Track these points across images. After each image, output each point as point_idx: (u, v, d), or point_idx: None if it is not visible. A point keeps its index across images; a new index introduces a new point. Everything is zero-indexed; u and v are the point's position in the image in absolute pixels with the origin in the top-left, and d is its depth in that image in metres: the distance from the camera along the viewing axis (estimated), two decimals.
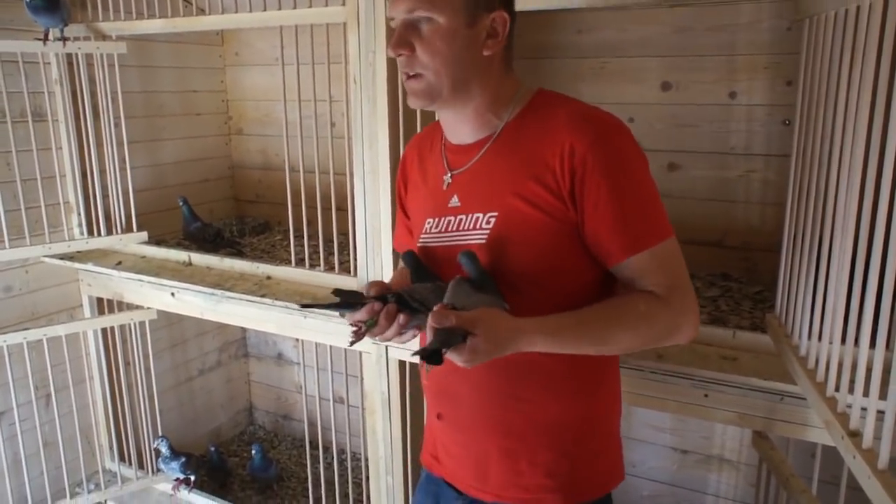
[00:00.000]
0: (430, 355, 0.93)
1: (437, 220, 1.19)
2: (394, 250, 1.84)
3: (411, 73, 1.10)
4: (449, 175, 1.19)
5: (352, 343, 1.12)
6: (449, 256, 1.14)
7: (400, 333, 1.10)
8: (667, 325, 1.07)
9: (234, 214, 3.19)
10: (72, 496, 2.57)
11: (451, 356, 0.96)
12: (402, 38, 1.08)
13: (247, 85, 3.12)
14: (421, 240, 1.23)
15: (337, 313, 1.14)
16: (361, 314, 1.09)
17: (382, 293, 1.10)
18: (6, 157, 2.26)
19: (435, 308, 0.97)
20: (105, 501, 2.66)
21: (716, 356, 1.57)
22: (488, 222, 1.11)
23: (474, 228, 1.13)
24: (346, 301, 1.10)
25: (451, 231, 1.16)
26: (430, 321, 0.96)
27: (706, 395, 1.56)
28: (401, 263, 1.47)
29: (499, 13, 1.10)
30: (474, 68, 1.11)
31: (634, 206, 1.06)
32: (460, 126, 1.17)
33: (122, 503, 2.72)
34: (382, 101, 1.86)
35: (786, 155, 1.72)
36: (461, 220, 1.15)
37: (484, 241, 1.11)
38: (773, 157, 2.09)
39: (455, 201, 1.17)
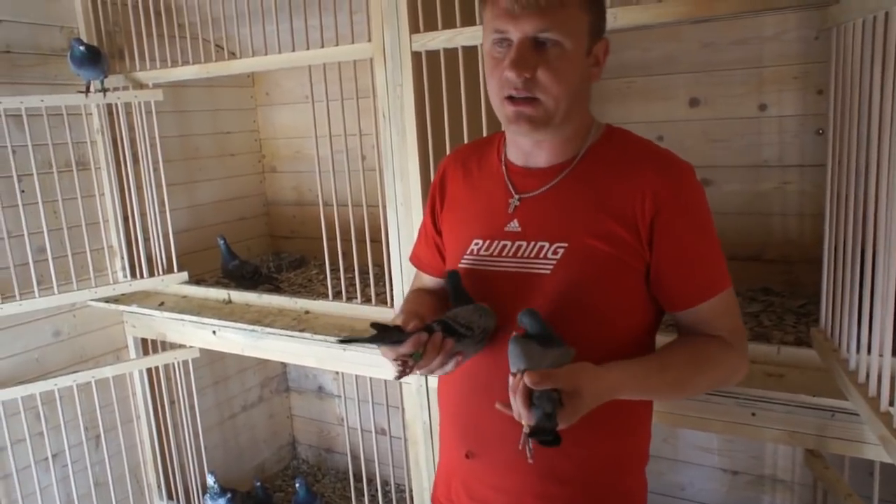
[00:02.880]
0: (549, 436, 0.89)
1: (488, 241, 1.15)
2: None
3: (528, 97, 1.04)
4: (517, 198, 1.14)
5: (398, 377, 1.07)
6: (499, 281, 1.11)
7: (444, 363, 1.06)
8: (732, 369, 1.09)
9: (270, 251, 3.25)
10: None
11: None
12: (527, 59, 1.01)
13: (278, 124, 3.19)
14: (464, 260, 1.18)
15: (376, 346, 1.09)
16: (407, 347, 1.02)
17: (422, 324, 1.06)
18: (53, 206, 2.34)
19: (526, 374, 0.92)
20: None
21: (761, 373, 1.53)
22: (555, 252, 1.08)
23: (537, 257, 1.09)
24: (385, 335, 1.05)
25: (507, 256, 1.12)
26: (525, 380, 0.91)
27: (753, 414, 1.52)
28: (414, 284, 1.43)
29: (604, 41, 1.10)
30: (582, 96, 1.10)
31: (709, 251, 1.07)
32: (539, 151, 1.14)
33: None
34: (411, 133, 1.89)
35: (821, 165, 1.69)
36: (520, 246, 1.11)
37: (548, 272, 1.08)
38: (807, 168, 2.05)
39: (515, 226, 1.13)
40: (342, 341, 1.13)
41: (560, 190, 1.11)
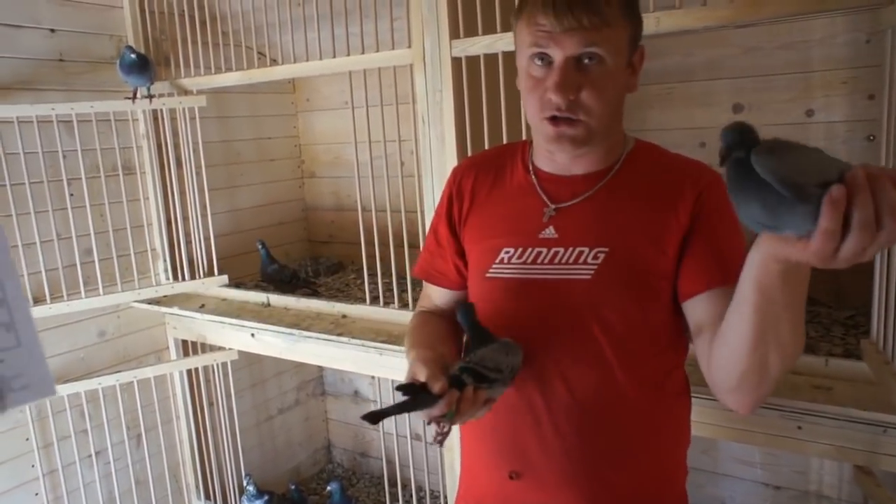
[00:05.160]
0: None
1: (521, 249, 1.12)
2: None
3: (571, 118, 1.02)
4: (553, 207, 1.11)
5: (441, 443, 1.02)
6: (535, 289, 1.09)
7: (476, 412, 1.00)
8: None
9: (308, 255, 3.28)
10: None
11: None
12: (570, 80, 0.99)
13: (318, 129, 3.23)
14: (494, 269, 1.13)
15: (402, 413, 0.97)
16: (439, 409, 0.95)
17: (447, 375, 0.97)
18: (100, 209, 2.40)
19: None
20: None
21: (807, 385, 1.49)
22: (595, 257, 1.05)
23: (577, 263, 1.07)
24: (417, 398, 0.96)
25: (544, 263, 1.09)
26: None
27: (799, 427, 1.48)
28: (421, 303, 1.35)
29: (640, 48, 1.08)
30: (620, 109, 1.09)
31: (739, 245, 1.04)
32: (576, 162, 1.11)
33: None
34: (451, 139, 1.90)
35: None
36: (557, 252, 1.08)
37: (589, 277, 1.05)
38: None
39: (550, 233, 1.10)
40: (368, 419, 0.95)
41: (600, 197, 1.10)
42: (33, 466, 2.34)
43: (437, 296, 1.32)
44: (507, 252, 1.13)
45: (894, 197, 0.66)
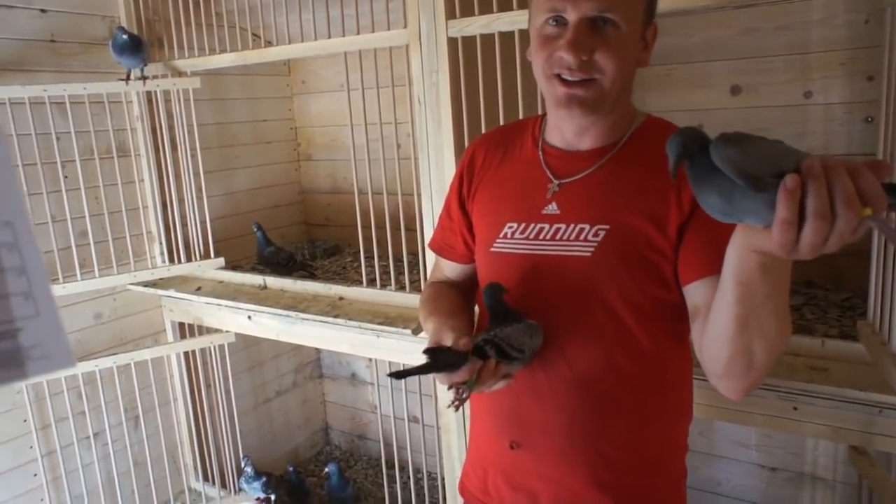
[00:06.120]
0: None
1: (524, 225, 1.12)
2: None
3: (585, 79, 1.01)
4: (556, 183, 1.11)
5: (455, 407, 1.04)
6: (536, 265, 1.09)
7: (494, 385, 1.02)
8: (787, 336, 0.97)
9: (304, 238, 3.27)
10: None
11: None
12: (584, 40, 0.99)
13: (314, 112, 3.21)
14: (497, 244, 1.15)
15: (427, 373, 1.01)
16: (461, 375, 0.99)
17: (471, 342, 1.00)
18: (95, 192, 2.39)
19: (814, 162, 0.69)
20: None
21: (804, 367, 1.49)
22: (596, 235, 1.05)
23: (577, 239, 1.06)
24: (440, 361, 1.00)
25: (545, 239, 1.09)
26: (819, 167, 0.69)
27: (795, 408, 1.49)
28: (433, 275, 1.39)
29: (654, 25, 1.09)
30: (631, 81, 1.09)
31: None
32: (583, 135, 1.11)
33: None
34: (447, 120, 1.88)
35: (870, 153, 1.63)
36: (559, 229, 1.08)
37: (589, 255, 1.05)
38: (854, 157, 1.99)
39: (553, 208, 1.10)
40: (394, 375, 0.98)
41: (602, 173, 1.09)
42: (31, 447, 2.35)
43: (448, 268, 1.35)
44: (511, 227, 1.13)
45: (849, 186, 0.66)
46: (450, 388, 1.02)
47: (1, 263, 0.57)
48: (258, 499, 2.71)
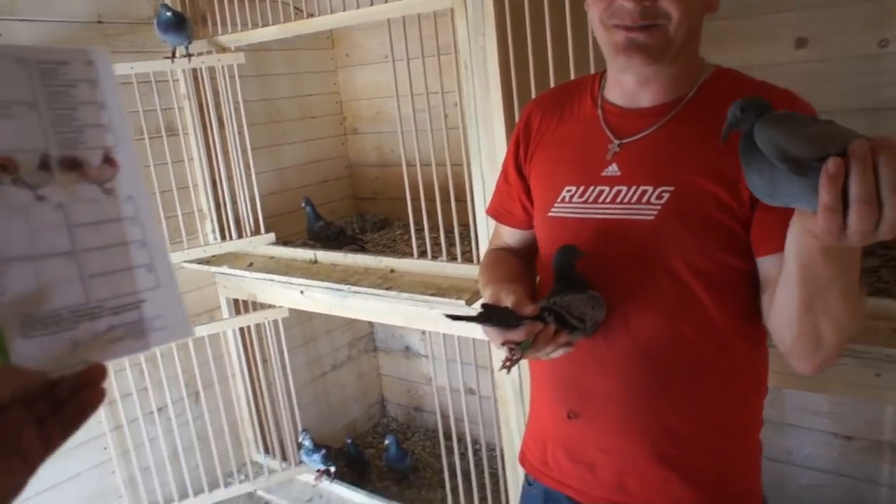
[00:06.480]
0: None
1: (582, 188, 1.06)
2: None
3: (649, 24, 0.94)
4: (616, 143, 1.05)
5: (508, 370, 1.00)
6: (596, 230, 1.04)
7: (551, 353, 0.99)
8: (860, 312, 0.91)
9: (353, 212, 3.26)
10: (225, 486, 2.72)
11: None
12: None
13: (359, 84, 3.17)
14: (556, 209, 1.09)
15: (481, 323, 0.99)
16: (518, 335, 0.95)
17: (535, 308, 0.98)
18: (146, 172, 2.41)
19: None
20: (255, 491, 2.80)
21: (887, 330, 1.40)
22: (659, 197, 0.98)
23: (639, 202, 1.00)
24: (499, 315, 0.98)
25: (605, 203, 1.03)
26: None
27: (878, 375, 1.40)
28: (493, 242, 1.35)
29: None
30: (698, 29, 1.01)
31: None
32: (645, 90, 1.04)
33: (270, 493, 2.85)
34: (495, 85, 1.82)
35: None
36: (620, 191, 1.02)
37: (652, 218, 0.99)
38: None
39: (613, 170, 1.04)
40: (449, 316, 1.00)
41: (666, 131, 1.01)
42: (100, 422, 2.42)
43: (507, 234, 1.31)
44: (569, 190, 1.08)
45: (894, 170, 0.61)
46: (502, 345, 0.98)
47: (125, 236, 0.61)
48: (318, 471, 2.74)
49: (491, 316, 0.98)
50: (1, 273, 0.54)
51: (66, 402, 0.56)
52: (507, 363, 0.99)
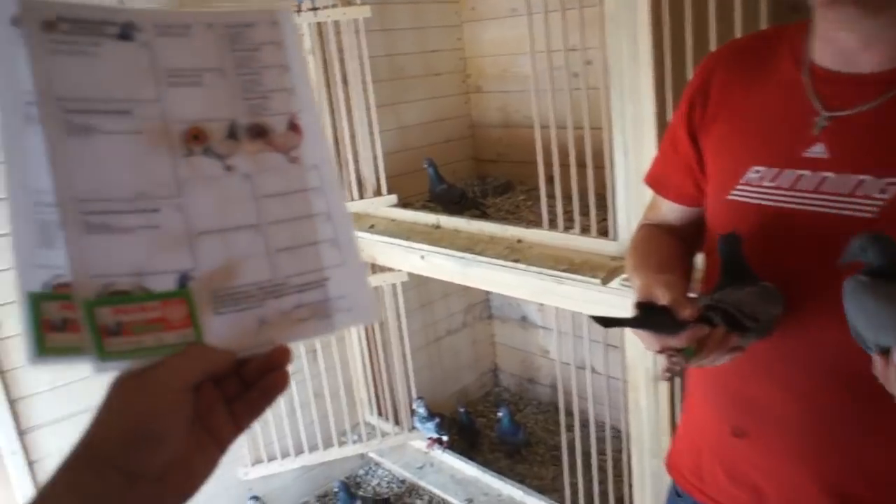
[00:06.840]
0: None
1: (776, 170, 0.88)
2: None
3: None
4: (825, 116, 0.84)
5: (667, 378, 0.88)
6: (792, 224, 0.86)
7: (719, 359, 0.85)
8: None
9: (474, 175, 3.15)
10: (339, 445, 2.75)
11: None
12: None
13: (484, 40, 3.01)
14: (737, 191, 0.92)
15: (639, 329, 0.87)
16: (681, 341, 0.82)
17: (697, 309, 0.83)
18: None
19: None
20: (367, 453, 2.82)
21: None
22: (883, 190, 0.79)
23: (853, 195, 0.81)
24: (654, 320, 0.84)
25: (806, 191, 0.85)
26: None
27: None
28: (648, 216, 1.16)
29: None
30: None
31: None
32: (865, 50, 0.82)
33: (381, 455, 2.86)
34: (645, 42, 1.61)
35: None
36: (826, 178, 0.84)
37: (872, 216, 0.80)
38: None
39: (820, 150, 0.84)
40: (599, 320, 0.83)
41: (894, 106, 0.81)
42: None
43: (667, 209, 1.12)
44: (758, 171, 0.90)
45: None
46: (660, 352, 0.84)
47: (311, 209, 0.56)
48: (431, 438, 2.72)
49: (647, 321, 0.84)
50: (194, 247, 0.52)
51: (252, 384, 0.54)
52: (667, 374, 0.85)
